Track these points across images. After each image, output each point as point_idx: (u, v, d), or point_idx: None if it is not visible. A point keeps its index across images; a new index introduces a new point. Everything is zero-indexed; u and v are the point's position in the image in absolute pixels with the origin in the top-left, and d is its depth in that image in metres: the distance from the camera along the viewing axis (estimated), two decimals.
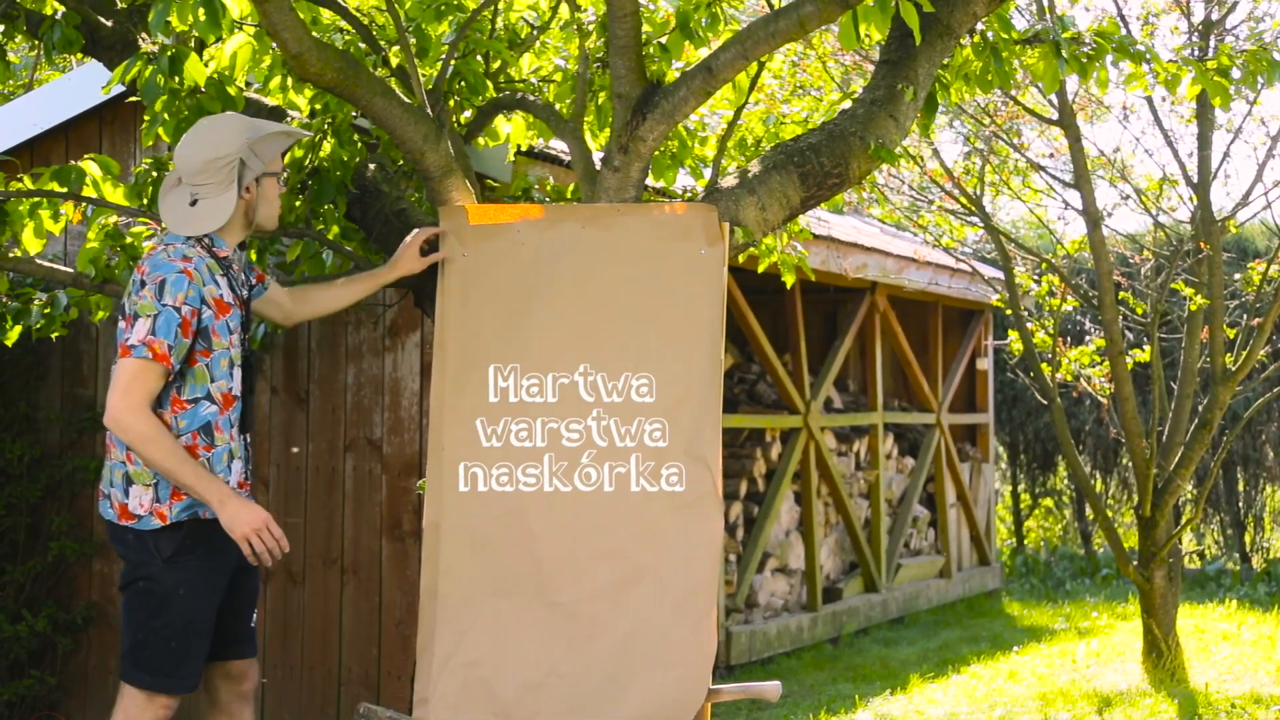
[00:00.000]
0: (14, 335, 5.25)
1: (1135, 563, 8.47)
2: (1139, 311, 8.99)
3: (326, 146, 5.16)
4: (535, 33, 5.41)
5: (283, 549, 4.12)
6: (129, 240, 5.09)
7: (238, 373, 4.22)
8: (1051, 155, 10.08)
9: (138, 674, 4.16)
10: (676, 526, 4.29)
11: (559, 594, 4.30)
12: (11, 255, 5.03)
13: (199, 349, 4.13)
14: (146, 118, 4.77)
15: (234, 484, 4.21)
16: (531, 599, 4.32)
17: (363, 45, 5.11)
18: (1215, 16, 8.46)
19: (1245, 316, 8.68)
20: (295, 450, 6.63)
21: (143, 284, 4.08)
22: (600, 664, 4.24)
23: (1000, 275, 10.43)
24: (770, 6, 4.88)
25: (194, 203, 4.17)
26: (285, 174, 4.34)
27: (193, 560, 4.15)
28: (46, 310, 5.20)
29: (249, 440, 4.32)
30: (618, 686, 4.20)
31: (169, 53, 4.52)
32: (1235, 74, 5.20)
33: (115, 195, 5.08)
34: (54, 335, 5.35)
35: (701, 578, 4.24)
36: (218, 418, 4.18)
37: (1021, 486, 16.46)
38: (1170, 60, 5.16)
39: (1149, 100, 8.79)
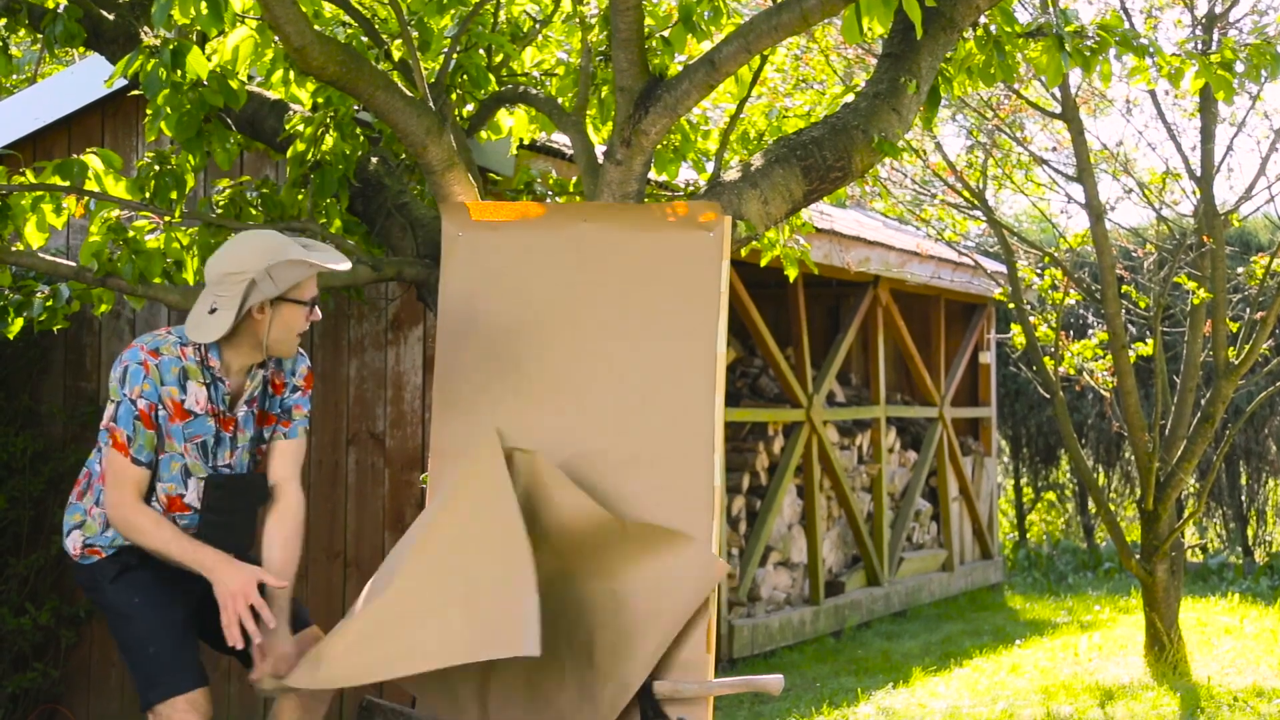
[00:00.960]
0: (16, 327, 5.25)
1: (1138, 556, 8.46)
2: (1142, 305, 8.98)
3: (329, 140, 5.16)
4: (538, 26, 5.41)
5: (264, 623, 4.02)
6: (131, 234, 5.08)
7: (194, 483, 4.12)
8: (1054, 149, 10.09)
9: (144, 694, 4.12)
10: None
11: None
12: (14, 249, 5.03)
13: (156, 443, 4.09)
14: (149, 111, 4.77)
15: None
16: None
17: (365, 39, 5.11)
18: (1218, 10, 8.44)
19: (1248, 310, 8.67)
20: None
21: (118, 366, 4.09)
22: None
23: (1003, 269, 10.42)
24: (773, 0, 4.87)
25: (212, 310, 4.09)
26: (314, 304, 4.16)
27: (140, 572, 4.14)
28: (49, 303, 5.20)
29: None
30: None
31: (171, 46, 4.52)
32: (1239, 68, 5.19)
33: (117, 189, 5.08)
34: (56, 328, 5.35)
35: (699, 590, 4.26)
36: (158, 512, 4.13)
37: (1024, 480, 16.46)
38: (1174, 54, 5.15)
39: (1152, 94, 8.79)
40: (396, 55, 5.08)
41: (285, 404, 4.30)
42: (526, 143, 6.07)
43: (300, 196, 5.21)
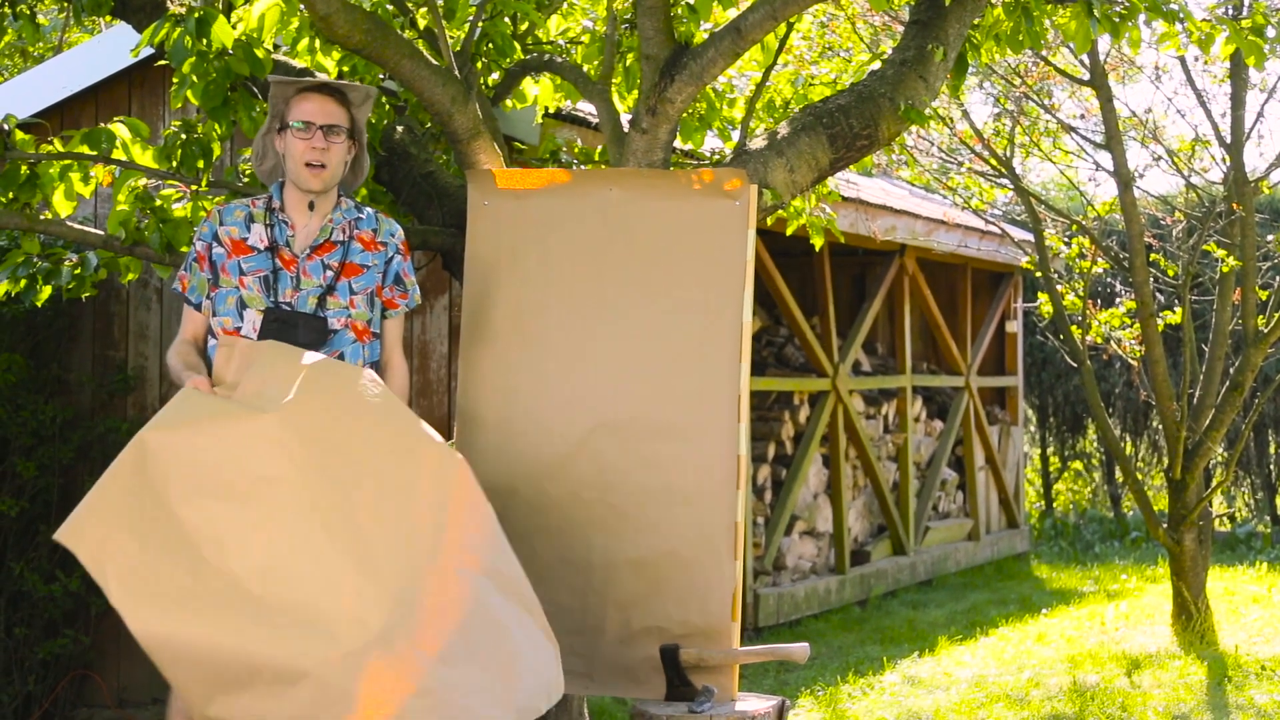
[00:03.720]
0: (45, 295, 5.27)
1: (1165, 525, 8.44)
2: (1170, 273, 8.94)
3: None
4: None
5: None
6: (158, 203, 5.10)
7: (251, 315, 4.23)
8: (1082, 116, 10.02)
9: None
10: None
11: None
12: (42, 217, 5.05)
13: (211, 282, 4.29)
14: (175, 80, 4.78)
15: None
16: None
17: (390, 7, 5.10)
18: None
19: (1277, 278, 8.62)
20: None
21: None
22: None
23: (1030, 237, 10.38)
24: None
25: None
26: (305, 126, 4.21)
27: None
28: (77, 271, 5.22)
29: None
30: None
31: (197, 15, 4.52)
32: (1270, 33, 5.15)
33: (144, 158, 5.09)
34: (84, 296, 5.37)
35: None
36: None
37: (1050, 449, 16.42)
38: (1204, 19, 5.11)
39: (1182, 60, 8.72)
40: (422, 23, 5.08)
41: (393, 268, 4.38)
42: (552, 111, 6.06)
43: None
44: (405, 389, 4.43)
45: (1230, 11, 7.47)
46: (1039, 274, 8.96)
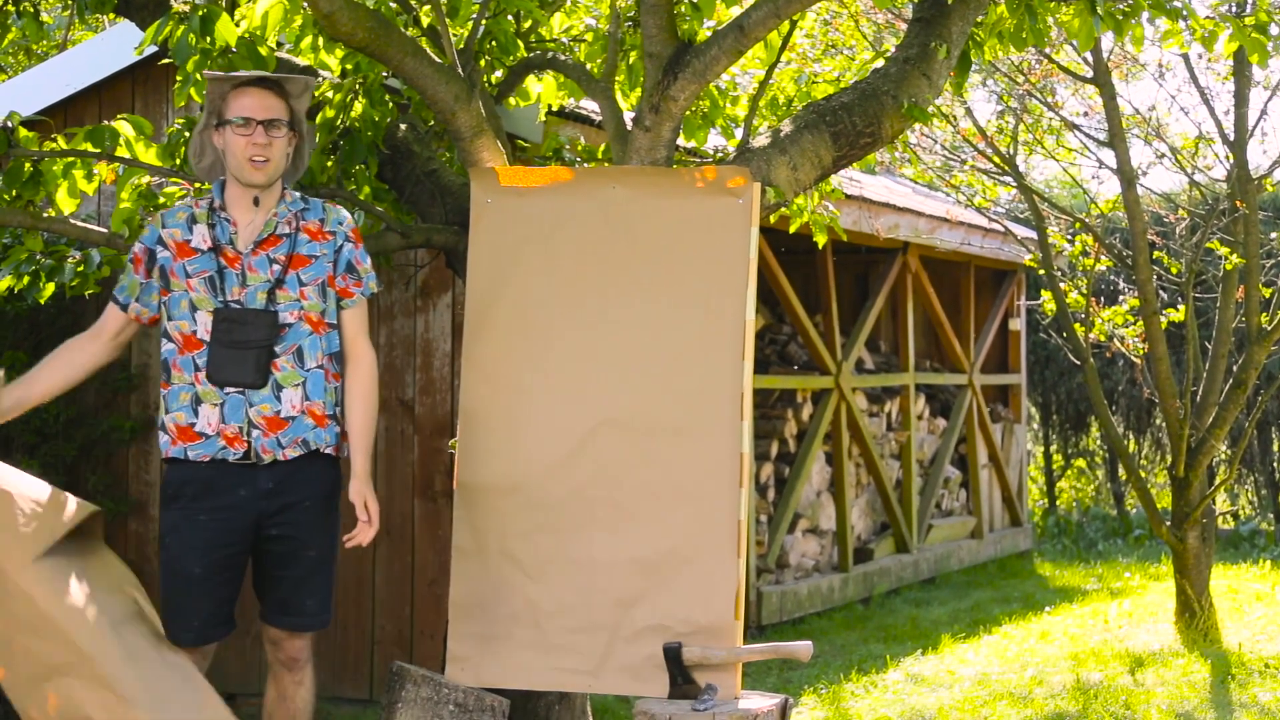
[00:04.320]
0: (48, 292, 5.27)
1: (1168, 523, 8.44)
2: (1174, 271, 8.93)
3: (358, 107, 5.16)
4: None
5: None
6: (162, 200, 5.10)
7: (202, 316, 4.21)
8: (1086, 114, 10.02)
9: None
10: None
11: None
12: (46, 215, 5.05)
13: (160, 287, 4.29)
14: (179, 78, 4.78)
15: (210, 431, 4.19)
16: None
17: (394, 4, 5.10)
18: None
19: None
20: None
21: None
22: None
23: (1033, 235, 10.37)
24: None
25: None
26: (250, 123, 4.21)
27: (177, 508, 4.23)
28: (80, 268, 5.23)
29: (250, 392, 4.20)
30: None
31: (200, 13, 4.52)
32: (1273, 30, 5.15)
33: (148, 155, 5.09)
34: (87, 294, 5.38)
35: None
36: (175, 356, 4.24)
37: (1054, 447, 16.41)
38: (1207, 17, 5.11)
39: (1185, 57, 8.71)
40: (425, 21, 5.07)
41: (344, 257, 4.35)
42: (555, 109, 6.06)
43: (329, 163, 5.21)
44: (373, 376, 4.38)
45: (1234, 9, 7.47)
46: (1042, 271, 8.96)
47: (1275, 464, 14.75)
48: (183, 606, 4.22)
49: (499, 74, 5.41)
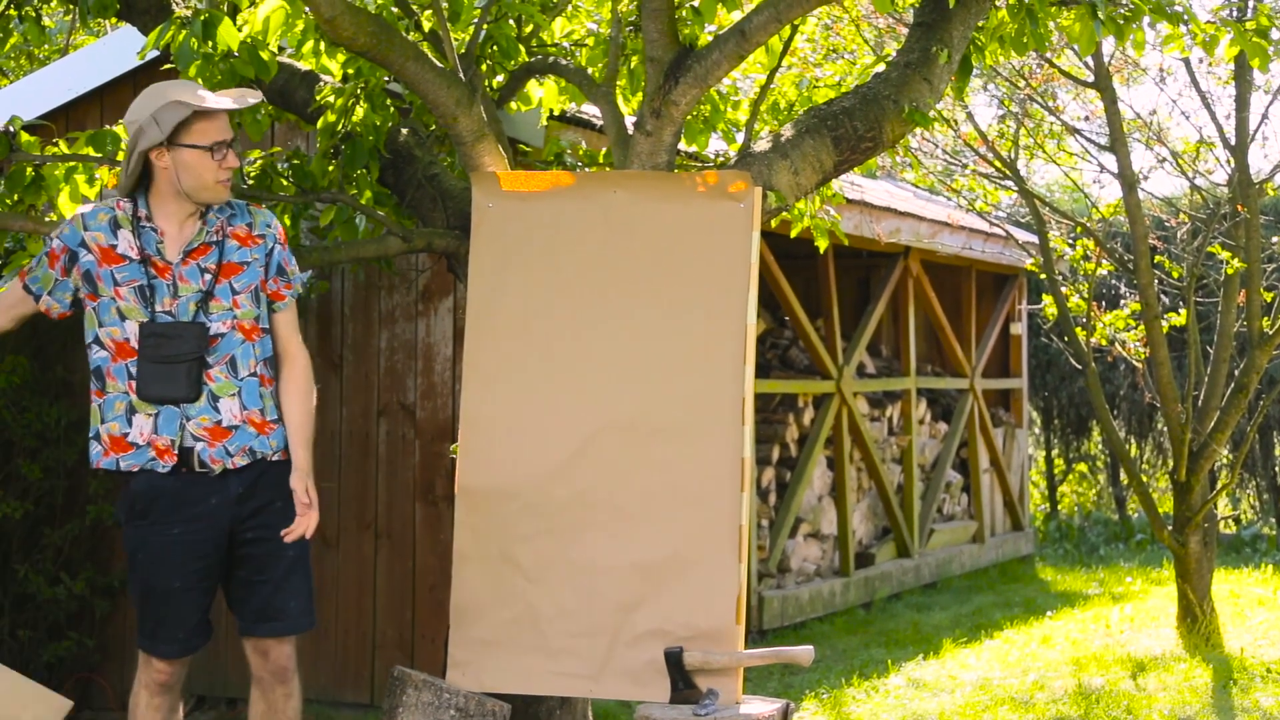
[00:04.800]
0: None
1: (1170, 528, 8.43)
2: (1175, 275, 8.93)
3: (359, 111, 5.16)
4: None
5: None
6: None
7: (131, 326, 4.15)
8: (1087, 118, 10.02)
9: (138, 634, 4.27)
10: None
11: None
12: (48, 219, 5.06)
13: (86, 292, 4.21)
14: None
15: (141, 441, 4.14)
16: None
17: (395, 9, 5.10)
18: None
19: None
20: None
21: None
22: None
23: (1034, 239, 10.37)
24: None
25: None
26: (221, 147, 4.16)
27: (145, 523, 4.17)
28: None
29: (186, 405, 4.15)
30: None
31: (202, 17, 4.53)
32: (1274, 34, 5.14)
33: None
34: None
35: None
36: (109, 364, 4.17)
37: (1055, 451, 16.41)
38: (1208, 21, 5.10)
39: (1186, 62, 8.72)
40: (427, 26, 5.08)
41: (274, 260, 4.32)
42: (556, 114, 6.06)
43: (331, 168, 5.22)
44: (309, 373, 4.36)
45: (1234, 14, 7.46)
46: (1043, 276, 8.95)
47: (1277, 468, 14.75)
48: (165, 620, 4.19)
49: (500, 78, 5.41)
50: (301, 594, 4.31)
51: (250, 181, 5.37)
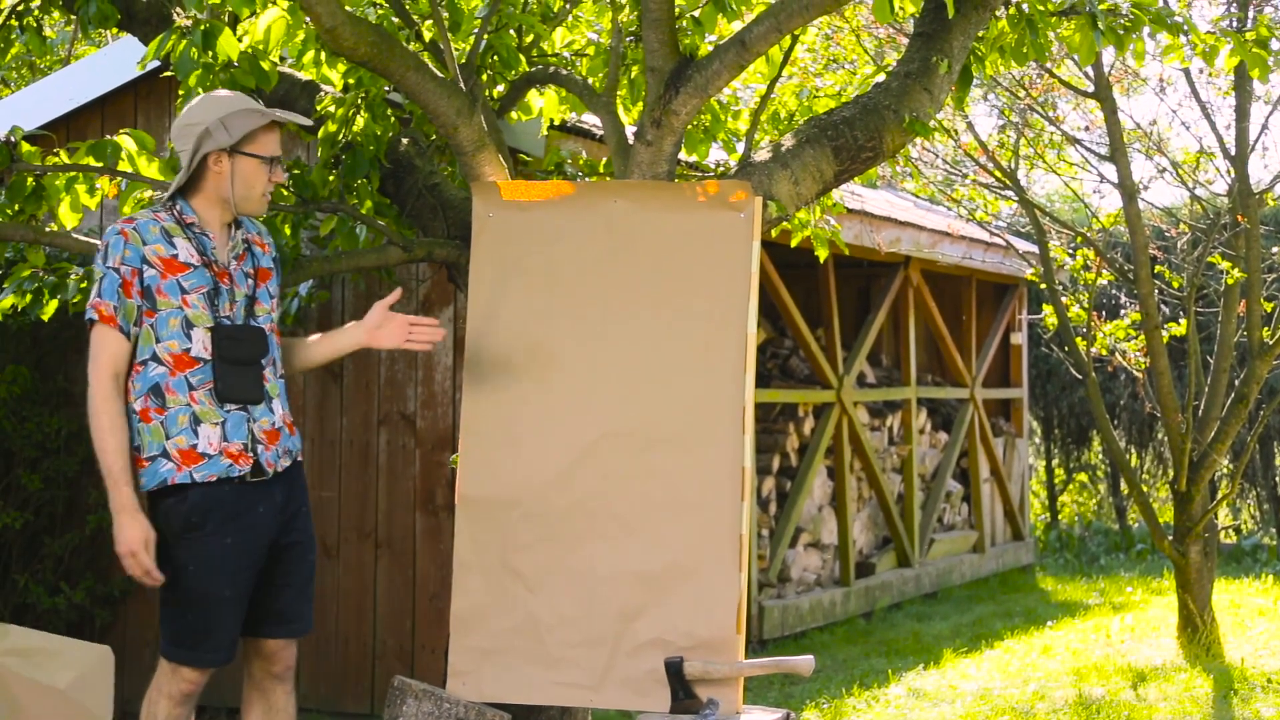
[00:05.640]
0: (50, 309, 5.27)
1: (1170, 538, 8.43)
2: (1175, 285, 8.93)
3: (360, 121, 5.17)
4: (568, 6, 5.40)
5: (153, 581, 4.09)
6: None
7: (199, 334, 4.14)
8: (1087, 128, 10.02)
9: (164, 644, 4.21)
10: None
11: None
12: (48, 230, 5.06)
13: (144, 308, 4.13)
14: (181, 92, 4.79)
15: (212, 451, 4.13)
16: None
17: (396, 20, 5.11)
18: None
19: None
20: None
21: (100, 246, 4.20)
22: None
23: (1035, 249, 10.37)
24: None
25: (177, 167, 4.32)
26: (274, 161, 4.24)
27: (200, 535, 4.13)
28: (83, 284, 5.22)
29: (251, 408, 4.18)
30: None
31: (203, 27, 4.53)
32: (1274, 45, 5.15)
33: (150, 170, 5.09)
34: None
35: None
36: (167, 379, 4.12)
37: (1056, 461, 16.40)
38: (1208, 32, 5.11)
39: (1186, 72, 8.72)
40: (427, 36, 5.08)
41: (278, 267, 4.42)
42: (557, 123, 6.06)
43: (331, 177, 5.22)
44: None
45: (1234, 24, 7.47)
46: (1044, 286, 8.96)
47: (1277, 478, 14.74)
48: (215, 630, 4.16)
49: (501, 88, 5.42)
50: (311, 598, 4.39)
51: None
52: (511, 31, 5.24)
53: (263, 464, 4.21)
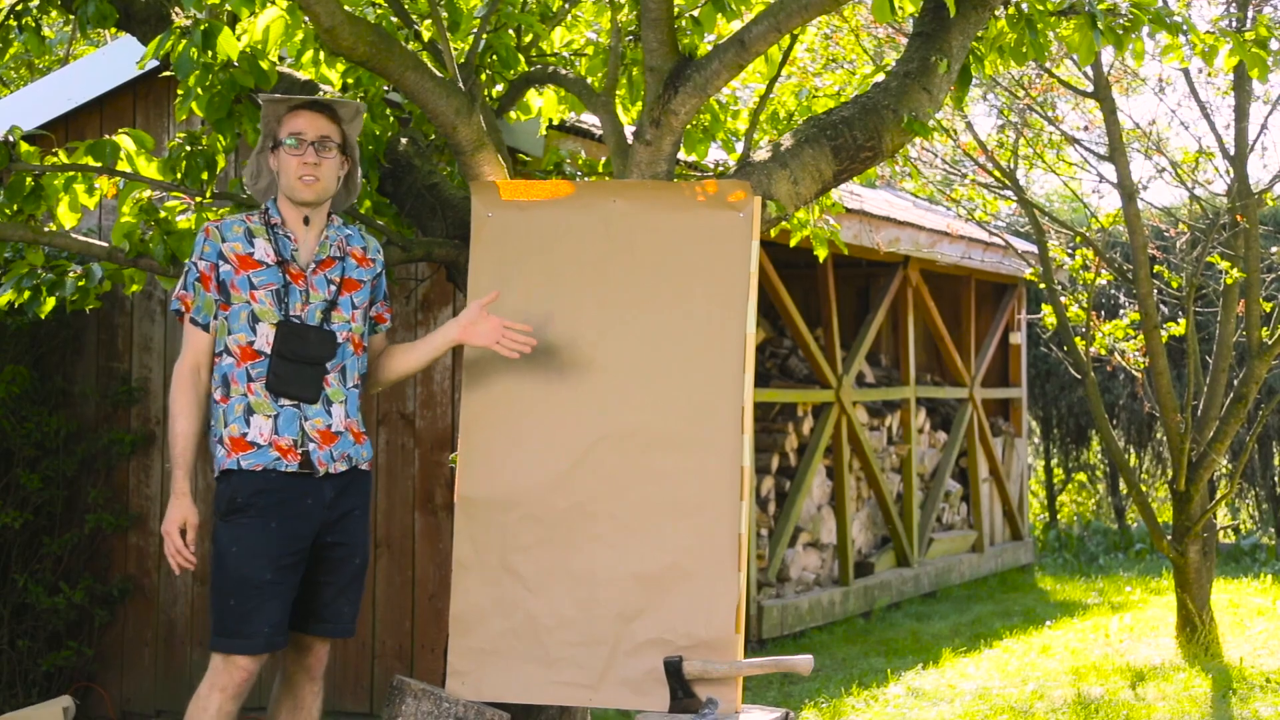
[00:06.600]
0: (49, 307, 5.27)
1: (1169, 537, 8.43)
2: (1174, 285, 8.93)
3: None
4: (567, 6, 5.40)
5: (184, 562, 4.22)
6: (162, 214, 5.10)
7: (264, 328, 4.26)
8: (1086, 128, 10.02)
9: (213, 636, 4.26)
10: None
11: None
12: (47, 229, 5.06)
13: (219, 302, 4.30)
14: (180, 92, 4.79)
15: (262, 442, 4.23)
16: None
17: (395, 19, 5.11)
18: None
19: None
20: None
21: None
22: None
23: (1034, 249, 10.38)
24: None
25: None
26: (297, 142, 4.30)
27: (245, 518, 4.22)
28: (81, 283, 5.22)
29: (305, 406, 4.27)
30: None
31: (202, 27, 4.53)
32: (1273, 45, 5.15)
33: (149, 169, 5.09)
34: (88, 308, 5.38)
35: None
36: (234, 370, 4.27)
37: (1055, 461, 16.40)
38: (1207, 31, 5.11)
39: (1185, 72, 8.73)
40: (426, 36, 5.08)
41: (381, 285, 4.52)
42: (556, 123, 6.06)
43: None
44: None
45: (1234, 24, 7.48)
46: (1043, 286, 8.96)
47: (1276, 478, 14.74)
48: (252, 614, 4.21)
49: (500, 88, 5.42)
50: (355, 602, 4.45)
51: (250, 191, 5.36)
52: (510, 31, 5.24)
53: (313, 461, 4.28)
